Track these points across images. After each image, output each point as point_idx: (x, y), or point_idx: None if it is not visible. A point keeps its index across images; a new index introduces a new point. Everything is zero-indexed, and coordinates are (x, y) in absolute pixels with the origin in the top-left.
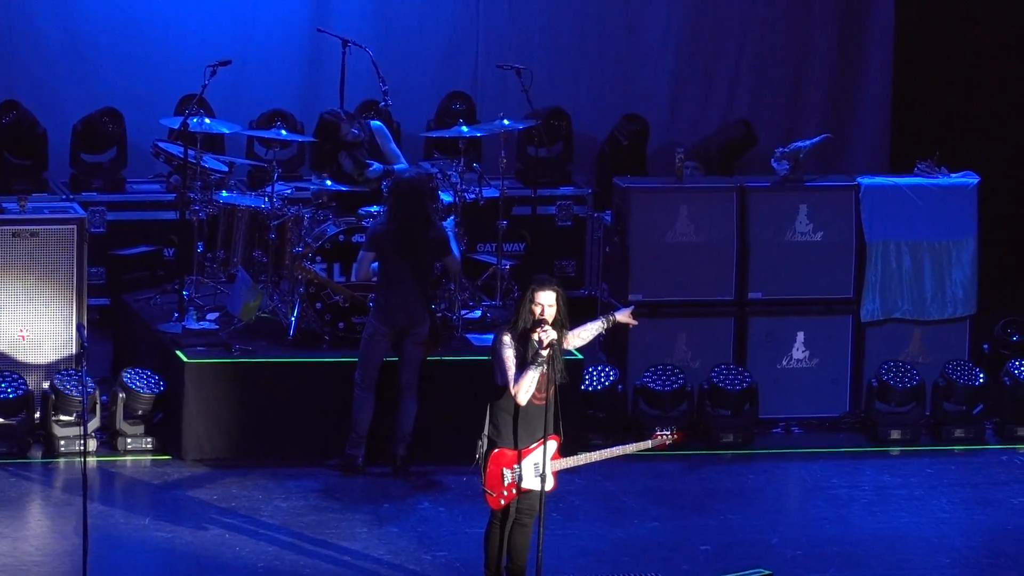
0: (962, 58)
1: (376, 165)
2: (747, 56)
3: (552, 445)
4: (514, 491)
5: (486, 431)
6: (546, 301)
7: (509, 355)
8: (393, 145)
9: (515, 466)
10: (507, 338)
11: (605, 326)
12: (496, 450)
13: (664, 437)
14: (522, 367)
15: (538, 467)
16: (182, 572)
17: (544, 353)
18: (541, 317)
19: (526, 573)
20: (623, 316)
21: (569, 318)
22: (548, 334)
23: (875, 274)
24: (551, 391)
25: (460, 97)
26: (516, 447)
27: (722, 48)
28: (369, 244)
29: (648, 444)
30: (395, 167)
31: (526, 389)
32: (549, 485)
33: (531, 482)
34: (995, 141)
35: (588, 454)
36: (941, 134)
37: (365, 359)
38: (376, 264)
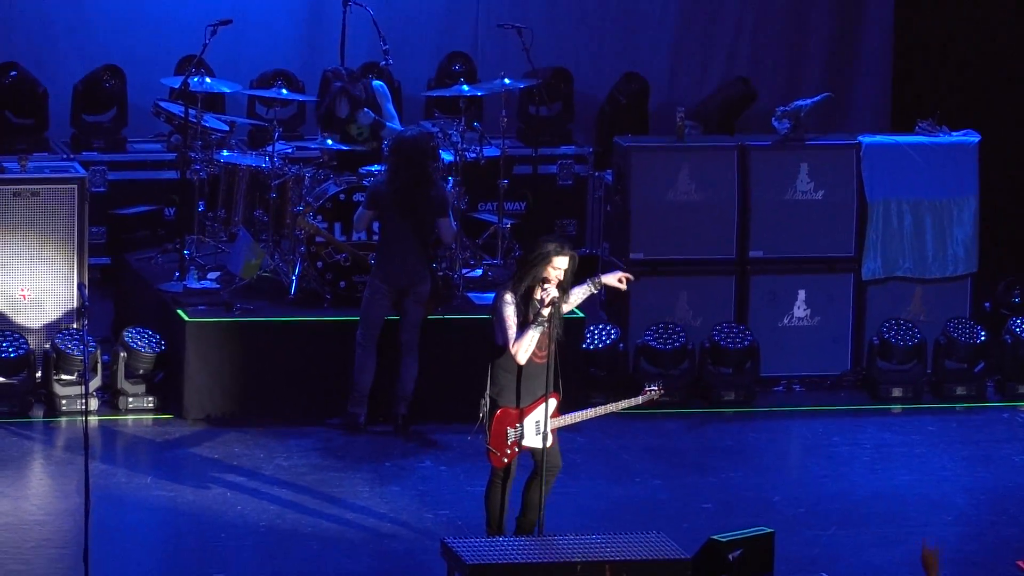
0: (963, 16)
1: (368, 112)
2: (748, 14)
3: (552, 403)
4: (516, 449)
5: (488, 391)
6: (564, 266)
7: (510, 314)
8: (391, 105)
9: (517, 424)
10: (508, 296)
11: (592, 289)
12: (500, 409)
13: (652, 392)
14: (523, 327)
15: (539, 425)
16: (184, 531)
17: (546, 312)
18: (559, 281)
19: (542, 527)
20: (610, 279)
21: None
22: (549, 293)
23: (876, 232)
24: (551, 348)
25: (460, 58)
26: (519, 405)
27: (722, 6)
28: (369, 202)
29: (639, 400)
30: (388, 124)
31: (526, 348)
32: (549, 443)
33: (532, 440)
34: (996, 100)
35: (584, 411)
36: (942, 93)
37: (366, 318)
38: (376, 223)
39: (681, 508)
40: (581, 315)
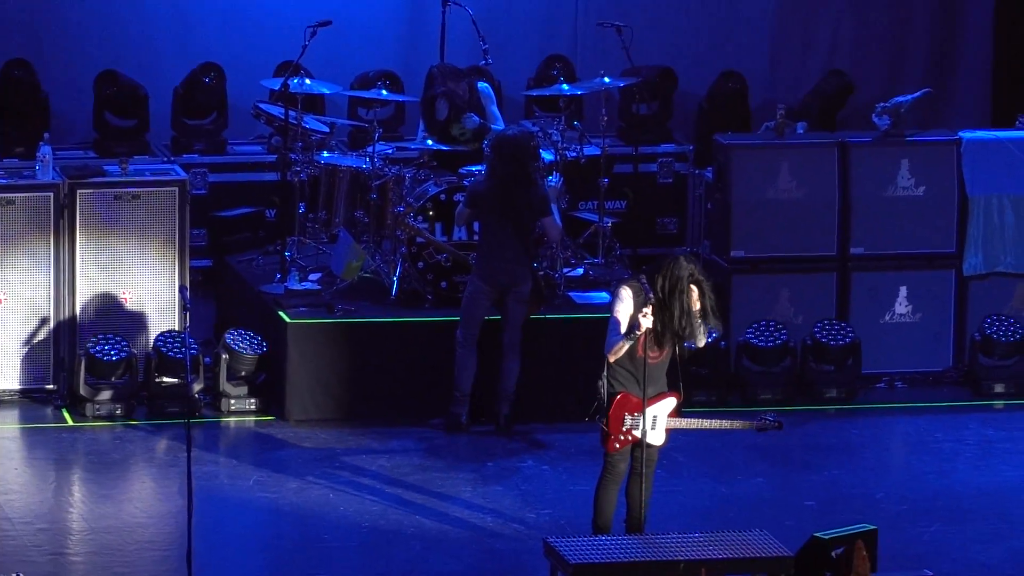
0: None
1: (474, 116)
2: (846, 10)
3: (671, 402)
4: (630, 438)
5: (605, 373)
6: (693, 297)
7: (620, 310)
8: (495, 107)
9: (636, 414)
10: (624, 292)
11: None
12: (620, 393)
13: (769, 423)
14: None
15: (656, 420)
16: (287, 532)
17: (638, 332)
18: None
19: (644, 525)
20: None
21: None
22: (647, 320)
23: (977, 228)
24: (665, 352)
25: (559, 60)
26: (635, 395)
27: (821, 5)
28: (469, 200)
29: (753, 424)
30: (493, 127)
31: (616, 352)
32: (661, 440)
33: (646, 435)
34: None
35: (698, 420)
36: None
37: (467, 317)
38: (477, 223)
39: (784, 505)
40: None
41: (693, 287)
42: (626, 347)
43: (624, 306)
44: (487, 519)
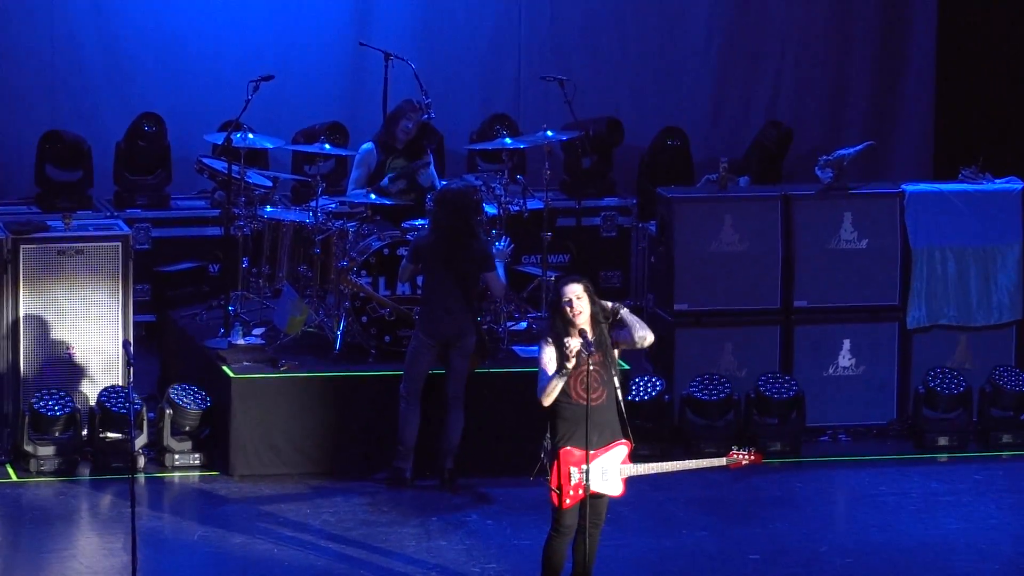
0: (1005, 64)
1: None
2: (788, 64)
3: (622, 450)
4: (580, 491)
5: (548, 435)
6: (574, 293)
7: (546, 355)
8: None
9: (583, 467)
10: (547, 347)
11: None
12: (564, 448)
13: (740, 456)
14: (561, 365)
15: (606, 472)
16: None
17: (569, 365)
18: (576, 312)
19: None
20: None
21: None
22: (573, 344)
23: (920, 281)
24: (604, 393)
25: (502, 119)
26: (580, 447)
27: (762, 56)
28: (412, 256)
29: (723, 461)
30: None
31: (548, 394)
32: (617, 490)
33: (599, 485)
34: None
35: (660, 463)
36: (984, 140)
37: (410, 372)
38: (421, 277)
39: (728, 559)
40: (626, 367)
41: (574, 296)
42: (561, 383)
43: (549, 351)
44: (432, 574)
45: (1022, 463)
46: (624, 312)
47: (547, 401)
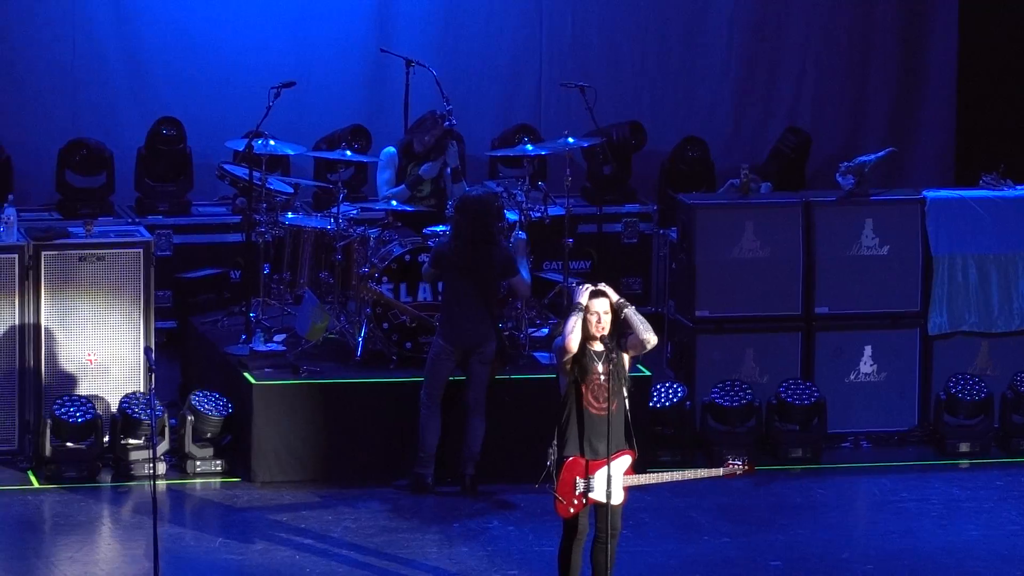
0: None
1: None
2: (809, 70)
3: (626, 460)
4: (584, 501)
5: (555, 440)
6: (601, 308)
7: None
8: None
9: (588, 476)
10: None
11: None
12: (570, 458)
13: (735, 467)
14: (581, 371)
15: (611, 480)
16: None
17: (581, 301)
18: (601, 329)
19: None
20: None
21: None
22: (584, 294)
23: (942, 287)
24: (614, 404)
25: (525, 130)
26: (587, 457)
27: (783, 62)
28: (433, 262)
29: (719, 472)
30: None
31: (568, 332)
32: (619, 499)
33: (601, 495)
34: None
35: (660, 474)
36: (1006, 146)
37: (431, 378)
38: (441, 283)
39: (750, 565)
40: (647, 373)
41: (601, 311)
42: (577, 322)
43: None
44: None
45: None
46: (629, 312)
47: (573, 343)
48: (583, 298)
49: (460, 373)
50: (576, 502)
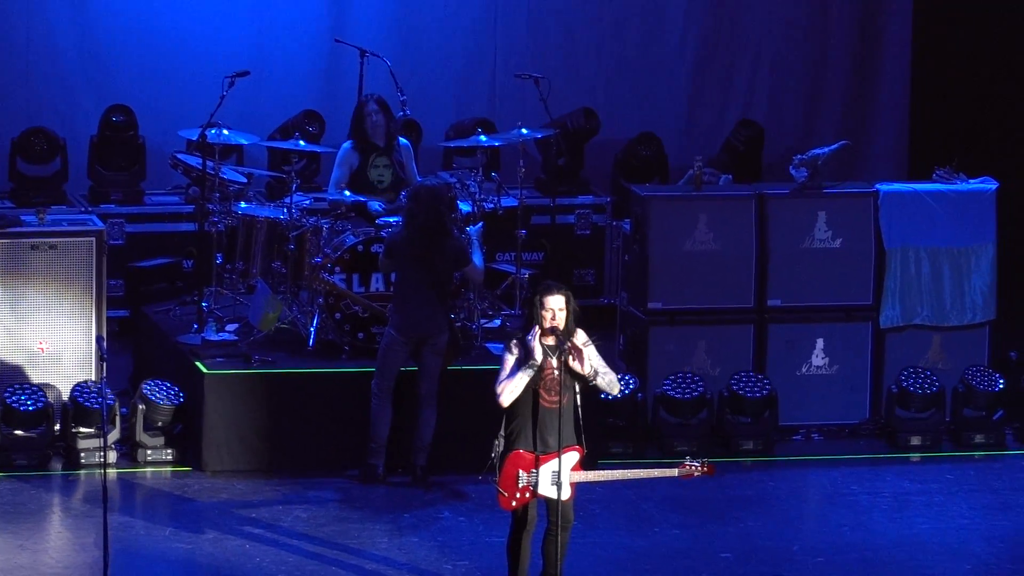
0: (980, 64)
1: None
2: (763, 63)
3: (573, 456)
4: (527, 495)
5: (502, 431)
6: (556, 306)
7: (509, 359)
8: (414, 164)
9: (532, 470)
10: (513, 343)
11: (593, 380)
12: (514, 451)
13: (692, 468)
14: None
15: (555, 475)
16: None
17: (536, 359)
18: (553, 323)
19: None
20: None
21: (582, 322)
22: (535, 348)
23: (894, 280)
24: (565, 397)
25: (484, 124)
26: (535, 452)
27: (738, 54)
28: (387, 252)
29: (675, 472)
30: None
31: (510, 391)
32: (566, 494)
33: (547, 489)
34: (1013, 146)
35: (611, 471)
36: (959, 140)
37: (382, 368)
38: (394, 274)
39: (700, 557)
40: None
41: (556, 308)
42: (525, 379)
43: (512, 356)
44: (404, 571)
45: (994, 463)
46: (600, 381)
47: (508, 399)
48: (538, 355)
49: (412, 364)
50: (519, 495)
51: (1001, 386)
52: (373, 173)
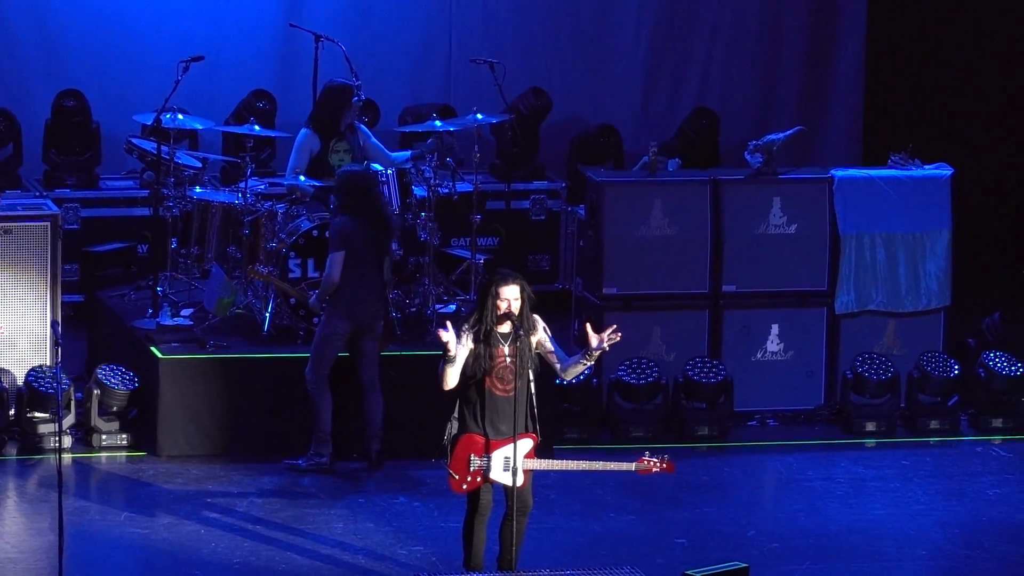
0: (934, 50)
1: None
2: (718, 49)
3: (527, 443)
4: (478, 480)
5: (455, 414)
6: (511, 295)
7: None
8: (375, 139)
9: (484, 455)
10: (464, 336)
11: (587, 362)
12: (466, 434)
13: (652, 464)
14: (476, 365)
15: (508, 461)
16: (158, 568)
17: (451, 353)
18: (508, 311)
19: (516, 565)
20: (595, 341)
21: (538, 309)
22: (446, 337)
23: (849, 266)
24: (518, 384)
25: (438, 108)
26: (486, 436)
27: (693, 40)
28: (340, 242)
29: (631, 467)
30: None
31: (444, 380)
32: (520, 481)
33: (499, 475)
34: (968, 132)
35: (567, 462)
36: (914, 126)
37: (321, 357)
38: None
39: (655, 543)
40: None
41: (512, 298)
42: (449, 371)
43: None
44: (359, 556)
45: (949, 449)
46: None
47: (445, 385)
48: (452, 348)
49: (346, 351)
50: (469, 479)
51: (956, 372)
52: (334, 158)
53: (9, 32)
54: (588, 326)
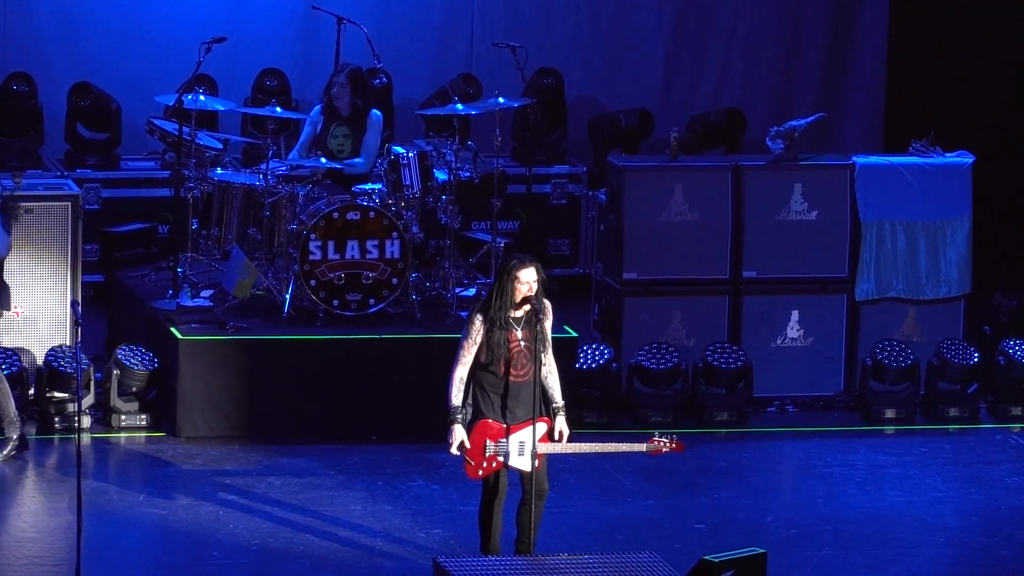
0: (956, 37)
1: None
2: (739, 35)
3: (541, 427)
4: (494, 465)
5: (469, 400)
6: (530, 279)
7: (468, 344)
8: (376, 139)
9: (500, 440)
10: (478, 322)
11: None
12: (481, 419)
13: (661, 444)
14: (491, 352)
15: (524, 446)
16: (176, 549)
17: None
18: (528, 294)
19: (533, 549)
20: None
21: (558, 294)
22: (456, 436)
23: (869, 253)
24: (532, 370)
25: (469, 80)
26: (504, 422)
27: (714, 27)
28: None
29: (643, 447)
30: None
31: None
32: (536, 464)
33: (515, 460)
34: (990, 120)
35: (578, 444)
36: (936, 113)
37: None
38: None
39: (673, 528)
40: (574, 335)
41: (531, 281)
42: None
43: (472, 330)
44: (377, 538)
45: (968, 436)
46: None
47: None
48: (454, 449)
49: None
50: (485, 465)
51: (976, 359)
52: (333, 142)
53: (32, 12)
54: (560, 421)
